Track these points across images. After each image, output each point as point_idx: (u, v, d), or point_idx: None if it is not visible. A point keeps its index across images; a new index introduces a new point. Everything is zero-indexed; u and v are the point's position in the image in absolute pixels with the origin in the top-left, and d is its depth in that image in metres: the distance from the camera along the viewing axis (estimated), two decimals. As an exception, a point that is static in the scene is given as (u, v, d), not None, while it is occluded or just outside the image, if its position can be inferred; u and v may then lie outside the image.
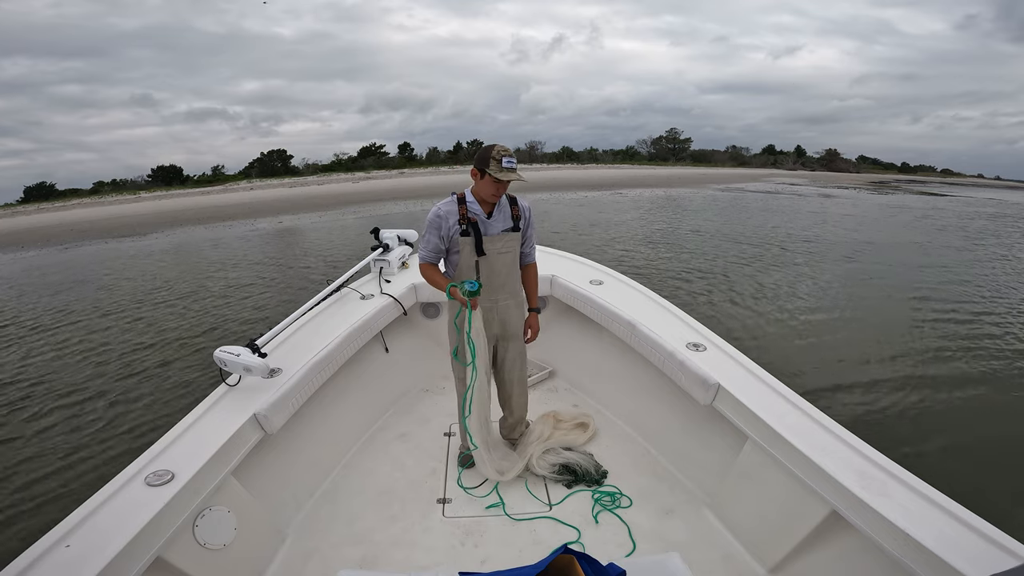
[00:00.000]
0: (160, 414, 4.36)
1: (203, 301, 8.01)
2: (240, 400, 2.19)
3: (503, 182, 2.15)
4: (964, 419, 4.16)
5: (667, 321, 2.86)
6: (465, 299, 2.13)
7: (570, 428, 2.89)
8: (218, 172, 50.75)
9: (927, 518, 1.49)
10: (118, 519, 1.56)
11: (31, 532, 2.97)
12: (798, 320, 6.54)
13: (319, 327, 2.89)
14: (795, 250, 11.48)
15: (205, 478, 1.83)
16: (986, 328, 6.34)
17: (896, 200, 29.71)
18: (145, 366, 5.45)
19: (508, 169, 2.12)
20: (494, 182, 2.14)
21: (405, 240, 3.98)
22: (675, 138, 70.53)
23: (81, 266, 12.05)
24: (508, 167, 2.11)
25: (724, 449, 2.33)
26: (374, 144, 59.92)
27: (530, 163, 54.16)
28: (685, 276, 8.84)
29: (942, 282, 8.74)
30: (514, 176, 2.15)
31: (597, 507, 2.37)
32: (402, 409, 3.24)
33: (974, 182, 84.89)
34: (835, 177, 59.26)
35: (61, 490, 3.43)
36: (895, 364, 5.17)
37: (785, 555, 1.93)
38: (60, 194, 42.89)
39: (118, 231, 19.21)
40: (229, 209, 24.63)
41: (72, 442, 4.02)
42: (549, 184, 32.81)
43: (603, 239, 12.75)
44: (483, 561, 2.10)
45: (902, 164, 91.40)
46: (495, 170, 2.11)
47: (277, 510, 2.28)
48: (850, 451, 1.80)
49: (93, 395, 4.83)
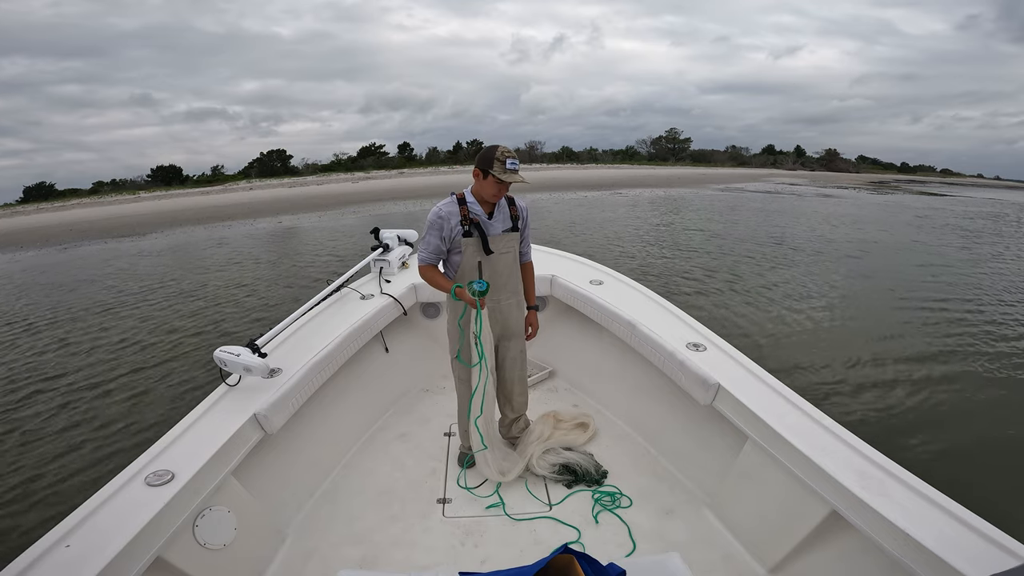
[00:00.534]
0: (159, 414, 4.36)
1: (202, 301, 7.99)
2: (240, 400, 2.19)
3: (506, 183, 2.16)
4: (964, 419, 4.16)
5: (667, 321, 2.86)
6: (474, 299, 2.16)
7: (570, 428, 2.88)
8: (218, 172, 50.85)
9: (927, 518, 1.49)
10: (118, 519, 1.56)
11: (30, 532, 2.97)
12: (798, 319, 6.54)
13: (319, 327, 2.88)
14: (794, 250, 11.48)
15: (205, 478, 1.83)
16: (986, 328, 6.34)
17: (895, 200, 29.75)
18: (145, 366, 5.44)
19: (511, 171, 2.13)
20: (497, 183, 2.15)
21: (405, 240, 3.98)
22: (675, 138, 70.68)
23: (78, 267, 12.04)
24: (512, 168, 2.13)
25: (724, 449, 2.33)
26: (374, 144, 60.11)
27: (530, 163, 54.21)
28: (684, 276, 8.84)
29: (941, 281, 8.75)
30: (517, 178, 2.16)
31: (597, 507, 2.37)
32: (402, 409, 3.24)
33: (973, 182, 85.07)
34: (834, 177, 59.33)
35: (59, 491, 3.43)
36: (895, 364, 5.16)
37: (785, 555, 1.93)
38: (59, 194, 42.99)
39: (117, 231, 19.20)
40: (228, 209, 24.62)
41: (72, 443, 4.01)
42: (549, 184, 32.82)
43: (601, 239, 12.75)
44: (483, 561, 2.10)
45: (902, 164, 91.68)
46: (499, 171, 2.12)
47: (277, 510, 2.27)
48: (850, 451, 1.80)
49: (91, 395, 4.82)
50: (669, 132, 71.11)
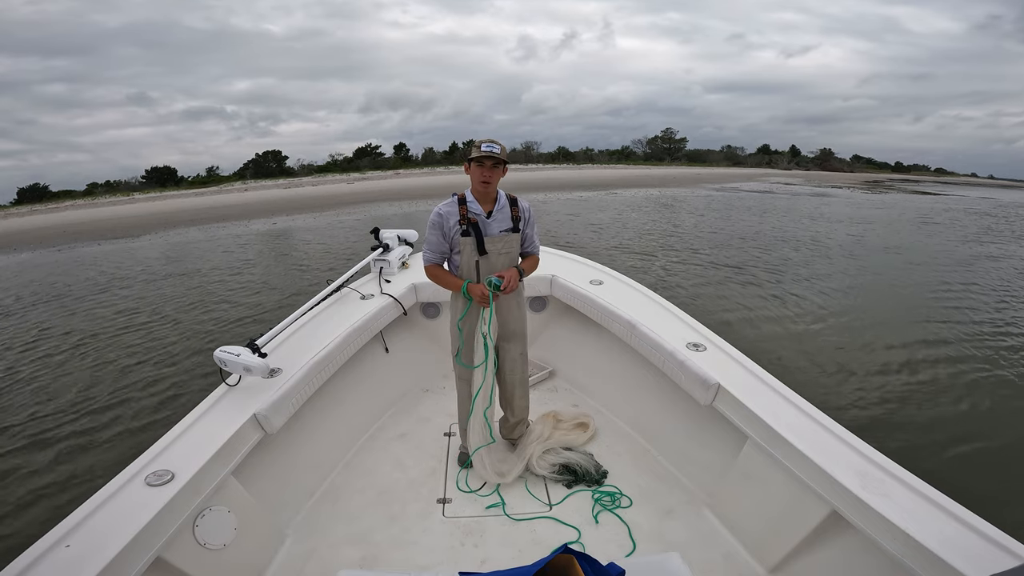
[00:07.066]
0: (158, 414, 4.34)
1: (199, 302, 7.96)
2: (240, 400, 2.18)
3: (486, 168, 2.19)
4: (965, 419, 4.18)
5: (667, 321, 2.87)
6: (487, 294, 2.22)
7: (570, 428, 2.89)
8: (212, 173, 50.59)
9: (927, 518, 1.49)
10: (118, 519, 1.55)
11: (28, 530, 2.95)
12: (798, 318, 6.57)
13: (319, 327, 2.88)
14: (795, 248, 11.52)
15: (205, 478, 1.83)
16: (985, 328, 6.37)
17: (890, 199, 29.91)
18: (144, 366, 5.41)
19: (485, 153, 2.17)
20: (477, 166, 2.20)
21: (405, 240, 3.98)
22: (670, 138, 70.87)
23: (70, 270, 11.98)
24: (486, 150, 2.17)
25: (724, 449, 2.33)
26: (369, 144, 60.07)
27: (526, 163, 54.22)
28: (684, 275, 8.86)
29: (941, 281, 8.79)
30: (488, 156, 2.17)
31: (597, 507, 2.37)
32: (402, 409, 3.23)
33: (967, 181, 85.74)
34: (829, 176, 59.62)
35: (59, 489, 3.41)
36: (894, 364, 5.19)
37: (785, 555, 1.94)
38: (54, 195, 42.64)
39: (111, 233, 19.09)
40: (223, 210, 24.53)
41: (69, 441, 3.99)
42: (544, 185, 32.84)
43: (600, 238, 12.76)
44: (483, 561, 2.10)
45: (896, 163, 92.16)
46: (475, 153, 2.18)
47: (277, 510, 2.27)
48: (850, 451, 1.80)
49: (91, 394, 4.79)
50: (665, 132, 71.38)
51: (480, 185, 2.24)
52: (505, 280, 2.24)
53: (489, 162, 2.18)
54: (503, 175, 2.26)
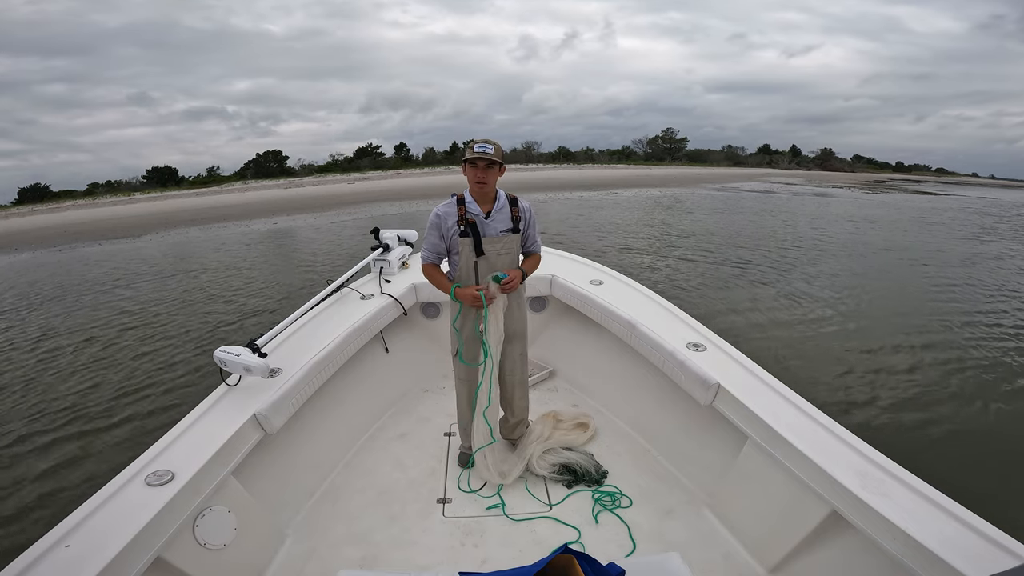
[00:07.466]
0: (159, 414, 4.34)
1: (200, 301, 7.97)
2: (240, 400, 2.18)
3: (480, 169, 2.19)
4: (965, 419, 4.17)
5: (667, 321, 2.87)
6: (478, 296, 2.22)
7: (570, 428, 2.89)
8: (213, 173, 50.61)
9: (927, 518, 1.49)
10: (118, 519, 1.55)
11: (28, 530, 2.96)
12: (797, 318, 6.56)
13: (319, 327, 2.88)
14: (794, 248, 11.51)
15: (205, 478, 1.83)
16: (984, 328, 6.36)
17: (890, 199, 29.87)
18: (144, 366, 5.42)
19: (478, 154, 2.17)
20: (471, 168, 2.21)
21: (405, 240, 3.98)
22: (671, 138, 70.79)
23: (71, 270, 11.98)
24: (478, 151, 2.17)
25: (724, 449, 2.33)
26: (370, 144, 60.04)
27: (526, 163, 54.18)
28: (684, 275, 8.86)
29: (940, 280, 8.78)
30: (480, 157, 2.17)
31: (597, 507, 2.37)
32: (402, 409, 3.23)
33: (968, 181, 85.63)
34: (830, 176, 59.55)
35: (58, 489, 3.41)
36: (894, 364, 5.18)
37: (785, 555, 1.94)
38: (55, 195, 42.69)
39: (112, 233, 19.11)
40: (224, 210, 24.54)
41: (70, 441, 3.99)
42: (544, 185, 32.82)
43: (600, 238, 12.75)
44: (483, 561, 2.10)
45: (897, 163, 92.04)
46: (468, 154, 2.19)
47: (277, 510, 2.27)
48: (850, 451, 1.80)
49: (91, 394, 4.80)
50: (665, 132, 71.30)
51: (475, 186, 2.24)
52: (508, 279, 2.28)
53: (482, 163, 2.18)
54: (500, 175, 2.26)
